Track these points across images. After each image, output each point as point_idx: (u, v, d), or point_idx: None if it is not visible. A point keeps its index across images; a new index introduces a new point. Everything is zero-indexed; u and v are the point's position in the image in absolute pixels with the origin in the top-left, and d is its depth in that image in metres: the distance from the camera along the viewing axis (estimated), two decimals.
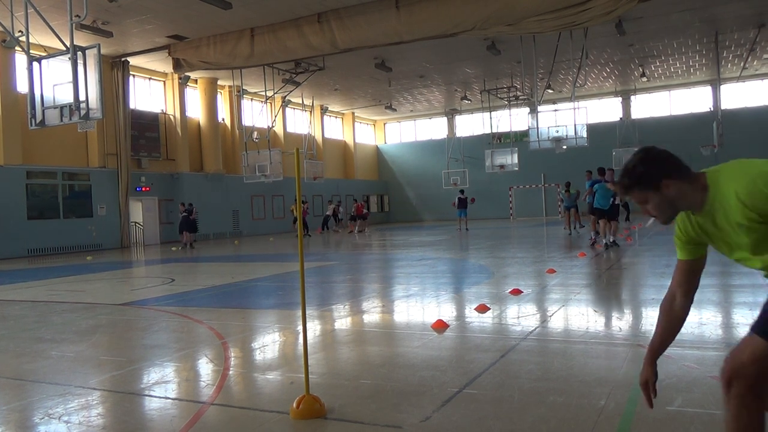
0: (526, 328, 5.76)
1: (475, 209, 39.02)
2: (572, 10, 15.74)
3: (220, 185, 28.66)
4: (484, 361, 4.58)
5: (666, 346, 2.43)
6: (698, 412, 3.28)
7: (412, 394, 3.83)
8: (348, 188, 39.10)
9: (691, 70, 31.48)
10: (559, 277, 9.32)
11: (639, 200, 2.24)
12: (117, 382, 4.45)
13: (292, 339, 5.76)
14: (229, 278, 11.52)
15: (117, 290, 10.65)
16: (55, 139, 21.76)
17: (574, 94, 25.33)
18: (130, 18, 19.16)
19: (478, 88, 32.78)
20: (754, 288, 7.41)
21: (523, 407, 3.52)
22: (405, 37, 18.21)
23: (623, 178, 2.25)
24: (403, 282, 9.96)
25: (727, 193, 2.11)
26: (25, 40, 11.33)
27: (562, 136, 24.07)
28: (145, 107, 26.30)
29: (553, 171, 36.20)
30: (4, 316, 7.98)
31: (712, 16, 22.11)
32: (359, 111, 39.82)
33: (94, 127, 17.95)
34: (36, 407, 3.93)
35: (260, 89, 26.32)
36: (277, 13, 19.08)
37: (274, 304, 8.33)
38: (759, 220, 2.07)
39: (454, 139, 39.96)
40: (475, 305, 6.90)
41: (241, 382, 4.39)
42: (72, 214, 22.45)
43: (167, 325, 6.77)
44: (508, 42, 23.69)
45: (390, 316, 6.87)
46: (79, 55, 10.55)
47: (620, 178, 2.27)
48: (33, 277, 13.33)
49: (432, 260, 13.43)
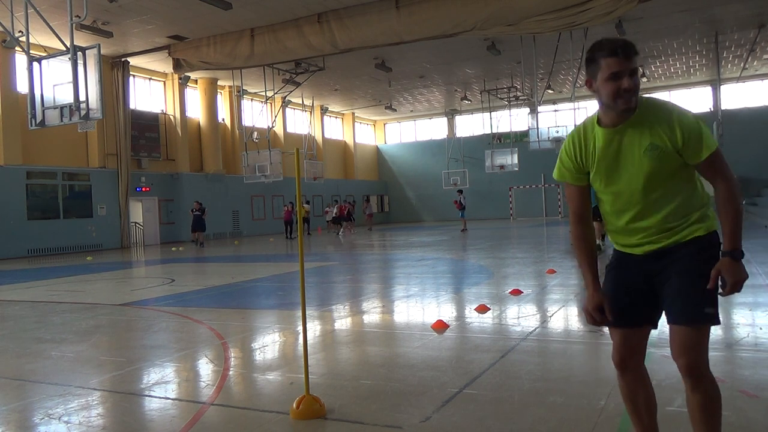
0: (526, 328, 5.76)
1: (476, 209, 39.15)
2: (572, 10, 15.74)
3: (220, 185, 28.66)
4: (484, 361, 4.58)
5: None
6: None
7: (412, 394, 3.83)
8: (348, 188, 39.11)
9: (691, 71, 31.47)
10: (559, 278, 9.32)
11: (633, 71, 2.31)
12: (117, 382, 4.45)
13: (292, 339, 5.76)
14: (229, 278, 11.51)
15: (117, 290, 10.65)
16: (55, 139, 21.76)
17: (574, 94, 25.37)
18: (130, 18, 19.16)
19: (478, 88, 32.78)
20: (754, 288, 7.41)
21: (523, 407, 3.52)
22: (405, 38, 18.21)
23: (628, 46, 2.31)
24: (403, 282, 9.96)
25: (665, 115, 2.31)
26: (25, 40, 11.34)
27: (562, 137, 24.11)
28: (145, 107, 26.30)
29: (553, 171, 36.15)
30: (4, 316, 7.98)
31: (712, 16, 22.11)
32: (359, 111, 39.82)
33: (94, 128, 17.89)
34: (36, 407, 3.93)
35: (260, 89, 26.32)
36: (277, 13, 19.08)
37: (274, 305, 8.33)
38: (674, 149, 2.28)
39: (454, 139, 39.97)
40: (475, 305, 6.90)
41: (241, 383, 4.39)
42: (72, 215, 22.45)
43: (167, 325, 6.77)
44: (508, 42, 23.69)
45: (390, 317, 6.87)
46: (79, 55, 10.56)
47: (624, 45, 2.31)
48: (33, 277, 13.33)
49: (432, 260, 13.43)
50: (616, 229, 2.55)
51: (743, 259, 2.27)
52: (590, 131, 2.45)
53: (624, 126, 2.36)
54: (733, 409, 3.33)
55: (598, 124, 2.42)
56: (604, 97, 2.34)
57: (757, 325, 5.37)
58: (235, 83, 27.65)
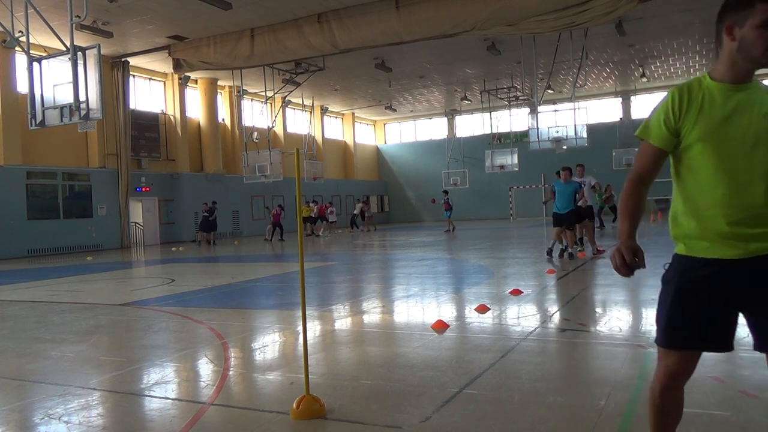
0: (526, 328, 5.76)
1: (476, 210, 39.17)
2: (572, 10, 15.74)
3: (220, 185, 28.65)
4: (484, 361, 4.58)
5: None
6: (698, 413, 3.28)
7: (412, 394, 3.83)
8: (348, 188, 39.11)
9: (692, 71, 31.47)
10: (559, 277, 9.32)
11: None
12: (117, 382, 4.45)
13: (292, 339, 5.76)
14: (229, 278, 11.52)
15: (117, 290, 10.65)
16: (55, 139, 21.76)
17: (574, 94, 25.37)
18: (130, 18, 19.16)
19: (478, 88, 32.78)
20: None
21: (523, 407, 3.52)
22: (405, 38, 18.21)
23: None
24: (403, 282, 9.95)
25: None
26: (25, 40, 11.34)
27: (562, 137, 24.11)
28: (145, 107, 26.30)
29: (553, 171, 36.17)
30: (4, 316, 7.98)
31: (712, 16, 21.70)
32: (359, 111, 39.82)
33: (94, 128, 17.89)
34: (36, 407, 3.93)
35: (260, 89, 26.32)
36: (277, 13, 19.08)
37: (274, 305, 8.33)
38: None
39: (454, 139, 39.97)
40: (475, 305, 6.90)
41: (241, 383, 4.39)
42: (72, 215, 22.45)
43: (167, 325, 6.77)
44: (508, 42, 23.69)
45: (390, 317, 6.86)
46: (79, 55, 10.56)
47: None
48: (33, 277, 13.33)
49: (432, 260, 13.43)
50: (715, 217, 2.11)
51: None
52: (697, 88, 2.17)
53: (747, 84, 2.12)
54: (733, 409, 3.33)
55: (711, 79, 2.17)
56: (752, 47, 2.05)
57: None
58: (235, 83, 27.65)
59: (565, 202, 11.72)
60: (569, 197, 11.74)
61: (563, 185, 11.89)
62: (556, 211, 11.86)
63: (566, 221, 11.76)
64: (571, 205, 11.77)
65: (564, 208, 11.73)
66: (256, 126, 31.09)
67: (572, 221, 11.89)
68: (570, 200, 11.74)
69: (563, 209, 11.74)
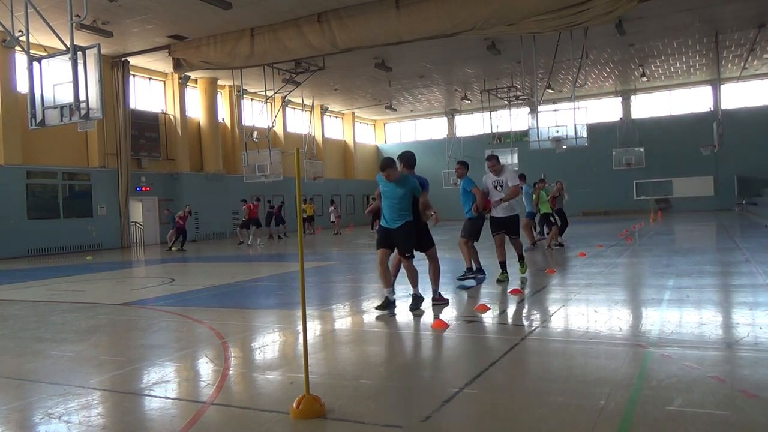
0: (526, 328, 5.76)
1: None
2: (572, 10, 15.74)
3: (220, 185, 28.65)
4: (484, 361, 4.58)
5: None
6: (698, 412, 3.28)
7: (411, 394, 3.83)
8: (348, 188, 39.08)
9: (691, 70, 31.48)
10: (559, 277, 9.32)
11: None
12: (117, 382, 4.45)
13: (292, 339, 5.76)
14: (228, 278, 11.52)
15: (117, 290, 10.65)
16: (55, 138, 21.75)
17: (574, 94, 25.35)
18: (130, 18, 19.16)
19: (478, 88, 32.78)
20: (754, 288, 7.42)
21: (523, 407, 3.52)
22: (405, 37, 18.20)
23: None
24: (403, 282, 9.94)
25: None
26: (25, 40, 11.32)
27: (562, 136, 24.10)
28: (145, 107, 26.28)
29: (553, 171, 36.18)
30: (4, 316, 7.98)
31: (712, 16, 22.11)
32: (359, 111, 39.81)
33: (94, 127, 17.93)
34: (36, 407, 3.93)
35: (260, 89, 26.30)
36: (277, 13, 19.08)
37: (274, 304, 8.33)
38: None
39: (454, 139, 39.95)
40: (475, 305, 6.90)
41: (241, 382, 4.39)
42: (72, 214, 22.44)
43: (167, 325, 6.77)
44: (508, 42, 23.69)
45: (390, 317, 6.86)
46: (79, 55, 10.54)
47: None
48: (33, 277, 13.33)
49: None
50: None
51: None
52: None
53: None
54: (733, 409, 3.33)
55: None
56: None
57: (757, 325, 5.37)
58: (235, 83, 27.64)
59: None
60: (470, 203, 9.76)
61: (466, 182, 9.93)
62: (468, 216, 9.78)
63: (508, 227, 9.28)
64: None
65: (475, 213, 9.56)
66: (256, 126, 31.07)
67: (515, 228, 9.54)
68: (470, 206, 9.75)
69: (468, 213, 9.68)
